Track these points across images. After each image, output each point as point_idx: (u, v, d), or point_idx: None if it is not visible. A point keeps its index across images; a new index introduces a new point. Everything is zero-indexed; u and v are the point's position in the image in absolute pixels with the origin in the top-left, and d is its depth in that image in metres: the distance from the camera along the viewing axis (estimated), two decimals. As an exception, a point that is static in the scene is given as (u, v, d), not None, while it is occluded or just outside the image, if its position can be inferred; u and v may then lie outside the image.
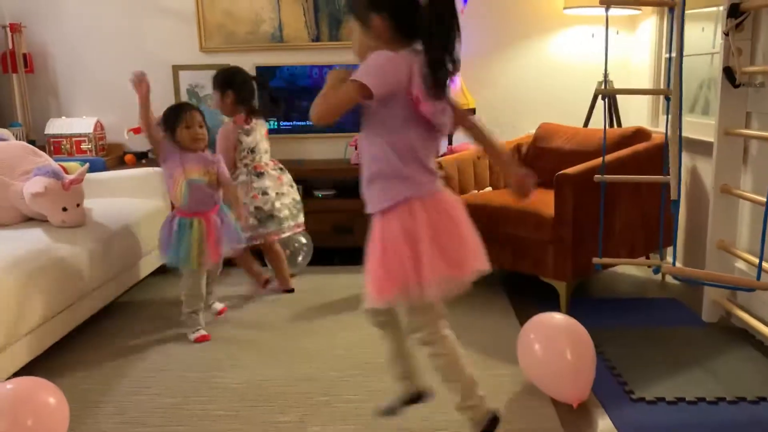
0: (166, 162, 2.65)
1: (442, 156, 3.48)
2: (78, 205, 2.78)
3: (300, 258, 3.44)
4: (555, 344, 2.06)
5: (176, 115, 2.63)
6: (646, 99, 3.72)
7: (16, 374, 2.12)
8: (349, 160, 3.73)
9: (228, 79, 3.08)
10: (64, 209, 2.73)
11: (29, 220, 2.85)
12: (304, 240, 3.44)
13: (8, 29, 3.76)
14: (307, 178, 3.75)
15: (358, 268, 1.77)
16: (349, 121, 4.00)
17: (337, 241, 3.60)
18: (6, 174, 2.82)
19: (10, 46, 3.79)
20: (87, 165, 2.93)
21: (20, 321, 2.20)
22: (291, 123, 3.95)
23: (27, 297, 2.24)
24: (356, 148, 3.69)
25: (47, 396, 1.83)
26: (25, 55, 3.85)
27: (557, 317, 2.16)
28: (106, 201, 3.14)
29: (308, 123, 3.97)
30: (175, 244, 2.61)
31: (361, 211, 1.72)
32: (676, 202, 2.45)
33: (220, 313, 2.95)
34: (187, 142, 2.62)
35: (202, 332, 2.68)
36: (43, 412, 1.78)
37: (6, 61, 3.81)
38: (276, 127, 3.96)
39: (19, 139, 3.53)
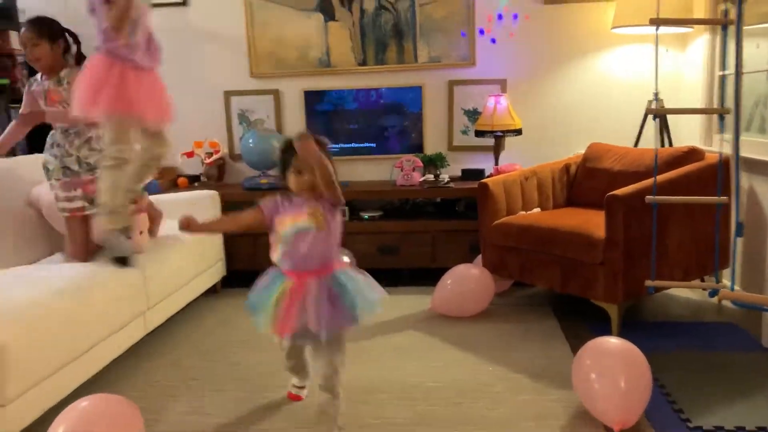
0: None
1: (488, 176, 3.48)
2: (141, 233, 2.87)
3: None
4: (611, 369, 2.02)
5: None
6: (698, 118, 3.64)
7: (75, 392, 2.19)
8: (395, 182, 3.76)
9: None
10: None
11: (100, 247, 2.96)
12: (346, 259, 3.46)
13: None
14: (353, 200, 3.79)
15: (404, 290, 1.78)
16: (395, 144, 4.06)
17: (383, 263, 3.62)
18: None
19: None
20: (146, 194, 3.02)
21: (79, 339, 2.27)
22: (338, 146, 4.00)
23: (85, 316, 2.32)
24: (402, 170, 3.71)
25: (125, 410, 1.91)
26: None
27: (613, 341, 2.12)
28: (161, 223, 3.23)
29: (354, 145, 4.02)
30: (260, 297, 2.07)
31: (406, 232, 1.73)
32: (741, 225, 2.37)
33: (292, 396, 2.37)
34: (291, 187, 2.04)
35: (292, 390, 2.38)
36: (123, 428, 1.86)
37: (67, 89, 3.98)
38: (323, 149, 4.01)
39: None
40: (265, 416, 2.24)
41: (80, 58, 2.81)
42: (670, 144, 3.55)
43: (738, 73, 2.21)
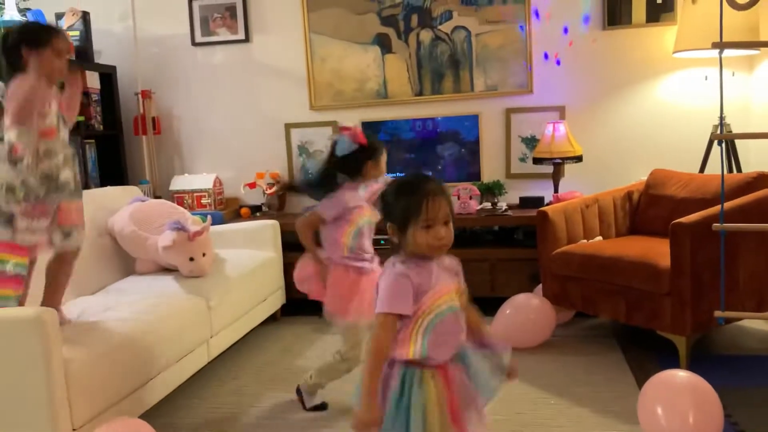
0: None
1: (548, 204, 3.43)
2: (204, 255, 2.96)
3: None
4: (678, 404, 1.94)
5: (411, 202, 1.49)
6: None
7: (141, 418, 2.25)
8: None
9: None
10: (191, 259, 2.93)
11: (165, 269, 3.09)
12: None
13: (140, 96, 4.14)
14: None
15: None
16: (451, 172, 4.06)
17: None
18: (144, 229, 3.08)
19: (141, 111, 4.15)
20: (210, 218, 3.13)
21: (146, 366, 2.35)
22: (395, 174, 4.02)
23: (153, 343, 2.40)
24: (459, 198, 3.71)
25: None
26: (153, 119, 4.20)
27: (681, 375, 2.05)
28: (225, 252, 3.32)
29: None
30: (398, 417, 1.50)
31: (464, 260, 1.69)
32: None
33: None
34: (423, 247, 1.50)
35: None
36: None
37: (137, 124, 4.17)
38: (381, 179, 4.06)
39: (147, 196, 3.83)
40: (324, 445, 2.25)
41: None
42: (739, 170, 3.43)
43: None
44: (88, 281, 2.91)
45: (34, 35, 2.15)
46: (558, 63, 3.86)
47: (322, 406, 2.51)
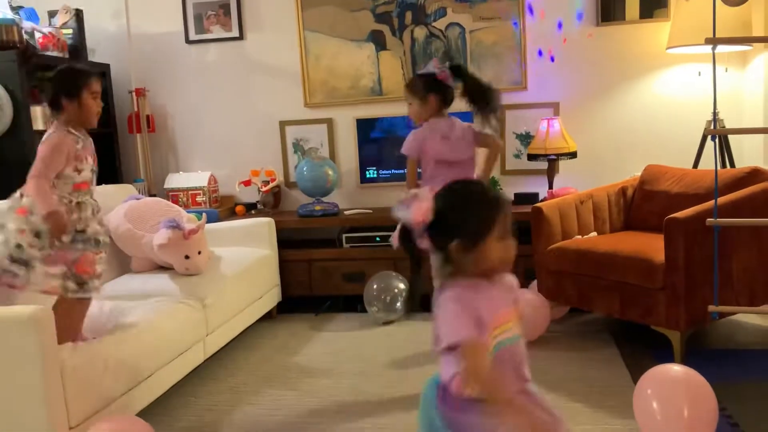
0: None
1: (542, 200, 3.44)
2: (200, 253, 2.96)
3: (398, 304, 3.45)
4: (673, 399, 1.96)
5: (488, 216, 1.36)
6: (761, 138, 3.52)
7: (139, 416, 2.25)
8: (448, 207, 3.75)
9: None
10: (187, 257, 2.92)
11: (160, 267, 3.08)
12: (402, 286, 3.47)
13: (134, 94, 4.13)
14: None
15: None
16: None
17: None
18: (139, 227, 3.07)
19: (135, 109, 4.14)
20: (205, 216, 3.13)
21: (142, 364, 2.35)
22: (390, 171, 4.04)
23: (149, 342, 2.40)
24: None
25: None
26: (148, 117, 4.19)
27: (675, 369, 2.06)
28: (220, 250, 3.32)
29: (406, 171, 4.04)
30: None
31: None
32: None
33: None
34: (495, 262, 1.37)
35: None
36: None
37: (132, 122, 4.16)
38: (375, 175, 4.06)
39: (142, 194, 3.82)
40: (320, 442, 2.26)
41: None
42: (732, 165, 3.45)
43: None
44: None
45: (69, 84, 2.21)
46: (552, 59, 3.86)
47: None
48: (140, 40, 4.19)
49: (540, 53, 3.87)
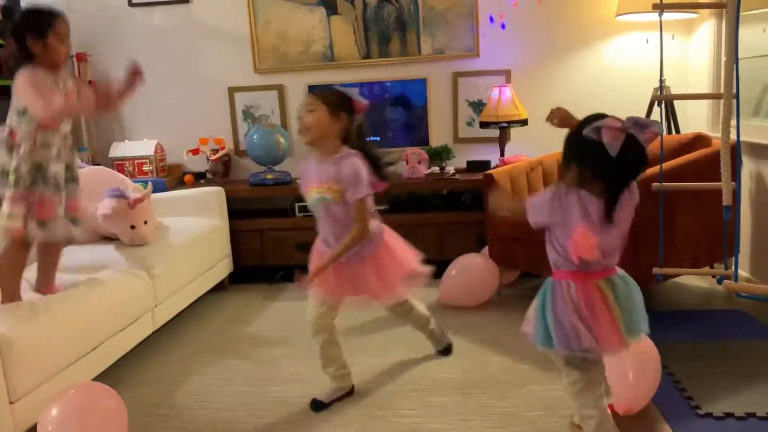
0: None
1: (494, 167, 3.46)
2: (146, 222, 2.88)
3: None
4: (619, 360, 2.01)
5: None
6: (705, 104, 3.61)
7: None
8: (400, 175, 3.75)
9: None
10: (132, 227, 2.84)
11: (105, 238, 2.99)
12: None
13: (75, 59, 3.95)
14: (360, 194, 3.78)
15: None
16: (400, 137, 4.05)
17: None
18: (85, 197, 2.96)
19: (77, 75, 3.97)
20: (151, 185, 3.05)
21: (87, 336, 2.29)
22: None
23: (93, 313, 2.33)
24: (407, 163, 3.70)
25: (109, 401, 1.93)
26: (90, 83, 4.03)
27: None
28: (168, 220, 3.24)
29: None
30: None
31: (413, 225, 1.72)
32: (728, 208, 2.36)
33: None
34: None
35: None
36: (105, 417, 1.88)
37: (73, 88, 3.99)
38: (329, 144, 4.01)
39: (86, 163, 3.69)
40: (272, 409, 2.25)
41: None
42: (678, 131, 3.52)
43: (737, 58, 2.19)
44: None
45: (36, 23, 2.17)
46: (503, 27, 3.86)
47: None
48: (80, 2, 4.00)
49: (491, 20, 3.85)
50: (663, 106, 3.29)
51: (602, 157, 1.60)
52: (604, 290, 1.68)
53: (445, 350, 2.61)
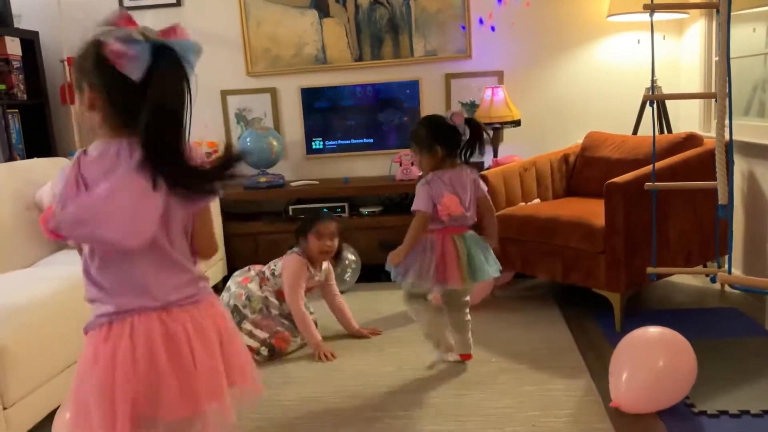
0: None
1: (487, 168, 3.47)
2: None
3: (347, 275, 3.46)
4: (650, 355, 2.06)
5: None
6: (696, 104, 3.63)
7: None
8: (394, 177, 3.75)
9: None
10: None
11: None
12: (352, 257, 3.47)
13: (66, 63, 3.94)
14: (352, 196, 3.78)
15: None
16: (393, 139, 4.05)
17: (384, 257, 3.60)
18: None
19: (68, 79, 3.96)
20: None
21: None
22: (336, 142, 4.00)
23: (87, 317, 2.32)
24: (401, 165, 3.71)
25: None
26: (82, 87, 4.01)
27: (652, 330, 2.14)
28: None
29: (353, 141, 4.01)
30: None
31: (407, 227, 1.74)
32: (723, 207, 2.37)
33: None
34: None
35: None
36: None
37: (65, 92, 3.98)
38: (321, 146, 4.02)
39: (78, 167, 3.68)
40: (266, 412, 2.24)
41: None
42: (669, 131, 3.54)
43: (727, 55, 2.20)
44: (17, 256, 2.79)
45: (304, 225, 2.80)
46: (492, 29, 3.86)
47: None
48: (71, 6, 3.98)
49: (481, 21, 3.86)
50: (655, 105, 3.30)
51: (450, 134, 2.39)
52: (456, 241, 2.33)
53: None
